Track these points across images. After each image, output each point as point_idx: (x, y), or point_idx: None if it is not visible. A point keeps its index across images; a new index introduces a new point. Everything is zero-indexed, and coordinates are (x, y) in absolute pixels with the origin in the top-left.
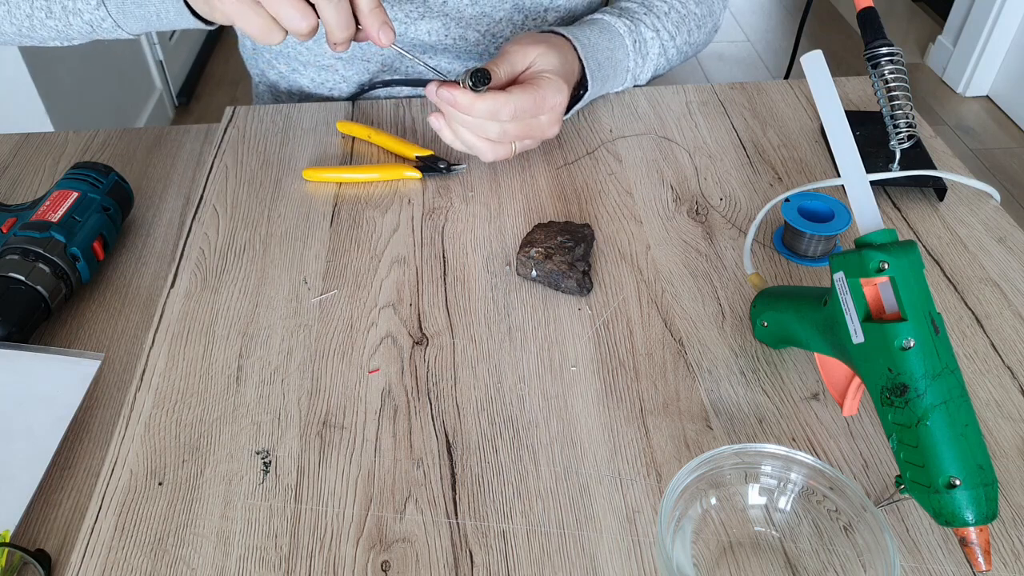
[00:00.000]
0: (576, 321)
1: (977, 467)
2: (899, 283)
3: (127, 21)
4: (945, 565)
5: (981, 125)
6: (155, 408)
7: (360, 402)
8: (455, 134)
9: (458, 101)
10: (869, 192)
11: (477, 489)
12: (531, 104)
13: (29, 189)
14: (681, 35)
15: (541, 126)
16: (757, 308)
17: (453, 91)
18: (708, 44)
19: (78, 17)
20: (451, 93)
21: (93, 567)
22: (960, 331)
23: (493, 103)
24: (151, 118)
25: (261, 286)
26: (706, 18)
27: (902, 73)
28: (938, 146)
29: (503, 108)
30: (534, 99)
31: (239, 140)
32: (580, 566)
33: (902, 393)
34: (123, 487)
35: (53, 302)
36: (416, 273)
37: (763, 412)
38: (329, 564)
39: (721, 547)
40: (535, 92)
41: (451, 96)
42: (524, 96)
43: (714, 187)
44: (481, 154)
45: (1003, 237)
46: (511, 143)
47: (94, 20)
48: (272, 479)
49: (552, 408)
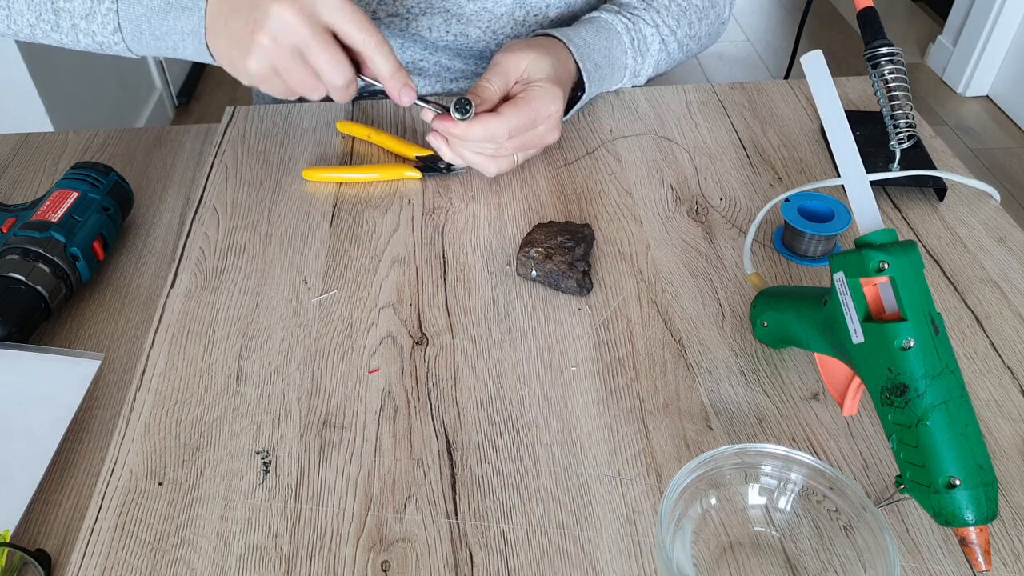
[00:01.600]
0: (576, 321)
1: (977, 467)
2: (899, 283)
3: (141, 48)
4: (945, 565)
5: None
6: (155, 408)
7: (360, 402)
8: (455, 153)
9: (452, 132)
10: (869, 192)
11: (477, 489)
12: (526, 120)
13: (29, 189)
14: (682, 28)
15: (539, 136)
16: (757, 308)
17: (446, 123)
18: (715, 39)
19: (89, 37)
20: (444, 126)
21: (93, 567)
22: (960, 331)
23: (486, 128)
24: (151, 118)
25: (261, 286)
26: (708, 10)
27: (902, 73)
28: (938, 146)
29: (498, 130)
30: (527, 114)
31: (239, 140)
32: (580, 566)
33: (902, 393)
34: (123, 487)
35: (53, 302)
36: (416, 273)
37: (763, 412)
38: (329, 564)
39: (721, 547)
40: (528, 107)
41: (445, 128)
42: (517, 114)
43: (714, 187)
44: (484, 169)
45: (1003, 237)
46: (512, 155)
47: (106, 43)
48: (272, 479)
49: (552, 408)
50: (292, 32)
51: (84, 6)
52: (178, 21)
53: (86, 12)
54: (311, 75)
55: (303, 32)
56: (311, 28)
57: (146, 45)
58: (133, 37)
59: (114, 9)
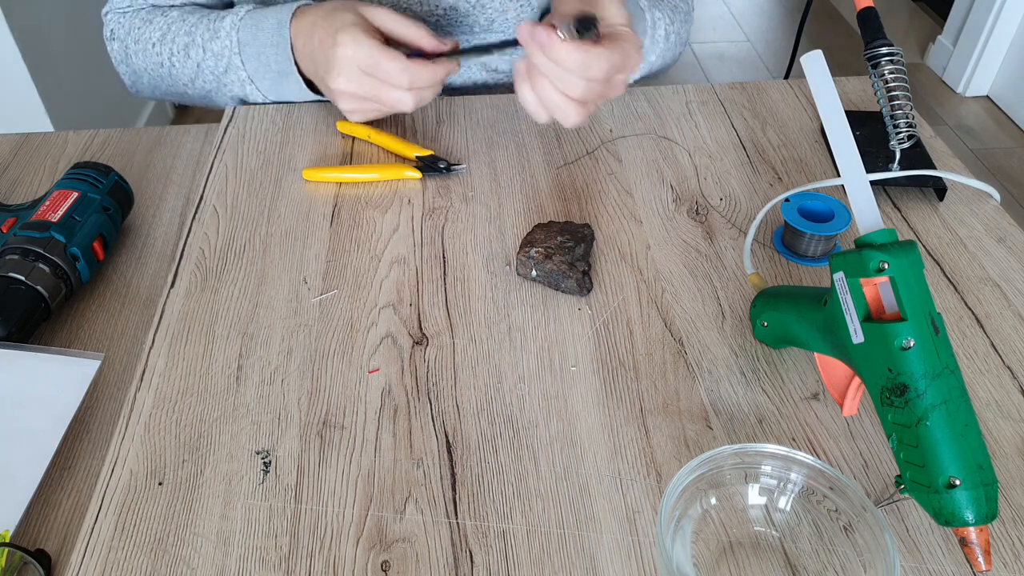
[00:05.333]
0: (576, 321)
1: (977, 467)
2: (899, 283)
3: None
4: (945, 565)
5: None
6: (155, 408)
7: (360, 402)
8: (535, 89)
9: (552, 46)
10: (869, 192)
11: (477, 489)
12: (620, 62)
13: (29, 189)
14: (676, 23)
15: (617, 86)
16: (757, 308)
17: (550, 35)
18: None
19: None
20: (547, 35)
21: (93, 567)
22: (960, 331)
23: (587, 56)
24: (151, 118)
25: (261, 286)
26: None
27: (902, 73)
28: (938, 146)
29: (596, 64)
30: (622, 57)
31: (239, 140)
32: (580, 566)
33: (902, 393)
34: (123, 487)
35: (53, 302)
36: (416, 273)
37: (763, 412)
38: (329, 564)
39: (721, 547)
40: (621, 49)
41: (546, 39)
42: (614, 53)
43: (714, 187)
44: (565, 115)
45: (1003, 237)
46: (588, 104)
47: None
48: (272, 479)
49: (552, 408)
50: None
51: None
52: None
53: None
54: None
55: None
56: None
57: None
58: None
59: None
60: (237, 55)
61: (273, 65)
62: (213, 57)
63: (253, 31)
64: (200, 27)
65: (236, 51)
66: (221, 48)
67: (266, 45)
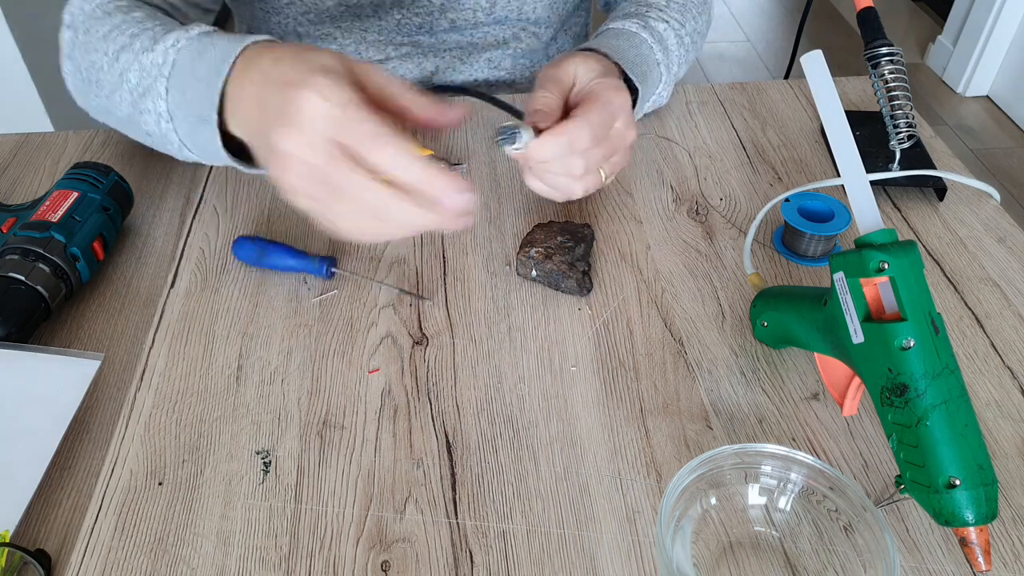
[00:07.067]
0: (576, 321)
1: (977, 467)
2: (899, 283)
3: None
4: (945, 565)
5: (981, 125)
6: (155, 408)
7: (360, 402)
8: (541, 179)
9: (529, 155)
10: (869, 192)
11: (477, 489)
12: (605, 116)
13: (29, 189)
14: (688, 23)
15: (621, 135)
16: (757, 308)
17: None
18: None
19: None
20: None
21: (93, 567)
22: (960, 331)
23: (568, 136)
24: None
25: (261, 286)
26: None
27: (902, 73)
28: (938, 146)
29: (579, 136)
30: (604, 109)
31: None
32: (580, 566)
33: (902, 393)
34: (123, 487)
35: (53, 302)
36: (416, 273)
37: (763, 412)
38: (329, 564)
39: (721, 547)
40: (598, 102)
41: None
42: (595, 110)
43: (714, 187)
44: (570, 192)
45: (1003, 237)
46: (599, 169)
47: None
48: (272, 479)
49: (552, 408)
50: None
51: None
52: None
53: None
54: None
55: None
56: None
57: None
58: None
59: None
60: (164, 79)
61: (194, 105)
62: (138, 71)
63: (195, 54)
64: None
65: (165, 73)
66: (151, 63)
67: (200, 76)
